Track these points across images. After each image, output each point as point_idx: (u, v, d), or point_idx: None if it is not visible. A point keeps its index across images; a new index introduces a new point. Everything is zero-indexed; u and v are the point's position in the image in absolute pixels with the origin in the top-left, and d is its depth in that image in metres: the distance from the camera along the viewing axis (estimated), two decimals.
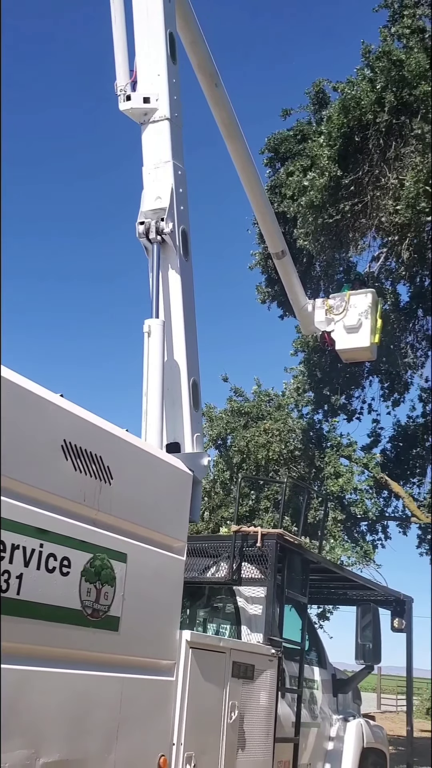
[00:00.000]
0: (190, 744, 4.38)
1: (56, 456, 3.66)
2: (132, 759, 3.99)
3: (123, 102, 7.46)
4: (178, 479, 4.78)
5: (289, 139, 15.36)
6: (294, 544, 6.04)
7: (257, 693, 5.21)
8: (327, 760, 6.74)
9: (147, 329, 6.90)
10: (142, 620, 4.14)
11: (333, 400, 15.06)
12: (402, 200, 11.62)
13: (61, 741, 3.49)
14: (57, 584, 3.54)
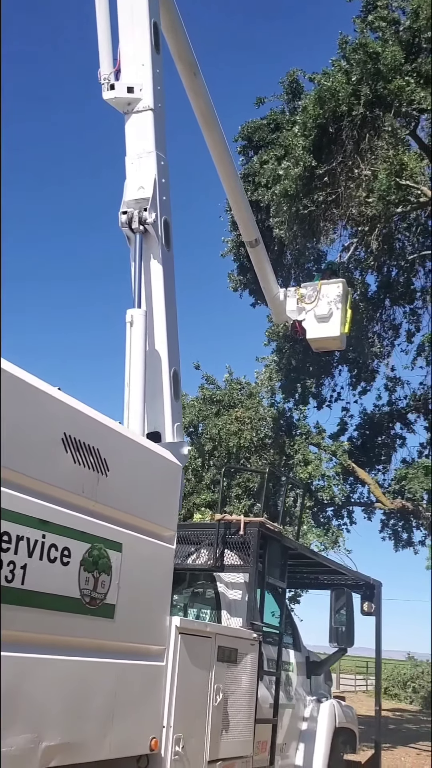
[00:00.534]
0: (179, 726, 4.53)
1: (57, 449, 3.73)
2: (126, 741, 4.11)
3: (107, 91, 7.46)
4: (169, 470, 4.89)
5: (263, 128, 15.43)
6: (274, 532, 6.21)
7: (240, 676, 5.38)
8: (301, 739, 6.97)
9: (129, 319, 6.96)
10: (136, 607, 4.25)
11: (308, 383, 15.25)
12: (374, 192, 11.80)
13: (62, 725, 3.59)
14: (58, 574, 3.63)
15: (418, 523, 16.67)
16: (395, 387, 17.84)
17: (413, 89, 11.94)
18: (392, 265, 18.64)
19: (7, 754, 3.20)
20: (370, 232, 15.35)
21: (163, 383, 7.22)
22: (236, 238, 16.15)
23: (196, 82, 9.58)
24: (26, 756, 3.33)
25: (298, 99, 15.44)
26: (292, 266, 16.91)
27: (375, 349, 17.81)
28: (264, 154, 14.75)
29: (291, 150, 13.21)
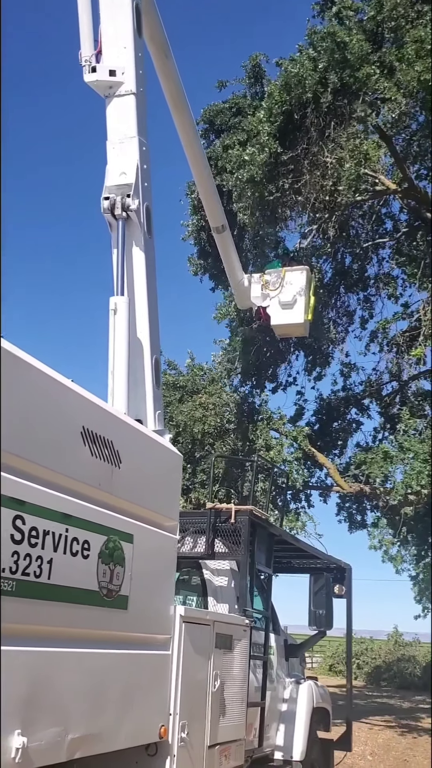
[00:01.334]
0: (184, 713, 4.59)
1: (76, 442, 3.71)
2: (139, 730, 4.16)
3: (88, 73, 7.33)
4: (171, 460, 4.91)
5: (225, 112, 15.34)
6: (263, 520, 6.30)
7: (234, 662, 5.47)
8: (281, 720, 7.13)
9: (113, 307, 6.90)
10: (145, 598, 4.28)
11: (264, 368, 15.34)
12: (343, 181, 11.92)
13: (84, 718, 3.61)
14: (79, 567, 3.63)
15: (371, 505, 17.09)
16: (350, 373, 18.14)
17: (377, 79, 12.07)
18: (347, 253, 18.90)
19: (37, 748, 3.20)
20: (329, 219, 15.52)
21: (145, 371, 7.21)
22: (197, 222, 16.09)
23: (168, 65, 9.47)
24: (54, 749, 3.34)
25: (260, 84, 15.43)
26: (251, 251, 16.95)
27: (330, 335, 18.07)
28: (226, 138, 14.68)
29: (255, 135, 13.19)
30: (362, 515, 17.40)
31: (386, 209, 18.46)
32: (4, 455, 3.13)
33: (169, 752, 4.41)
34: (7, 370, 3.22)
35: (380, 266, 18.92)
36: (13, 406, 3.23)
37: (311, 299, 13.25)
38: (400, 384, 18.04)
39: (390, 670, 31.97)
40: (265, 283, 13.23)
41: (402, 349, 17.84)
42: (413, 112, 14.62)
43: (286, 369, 17.23)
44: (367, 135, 13.14)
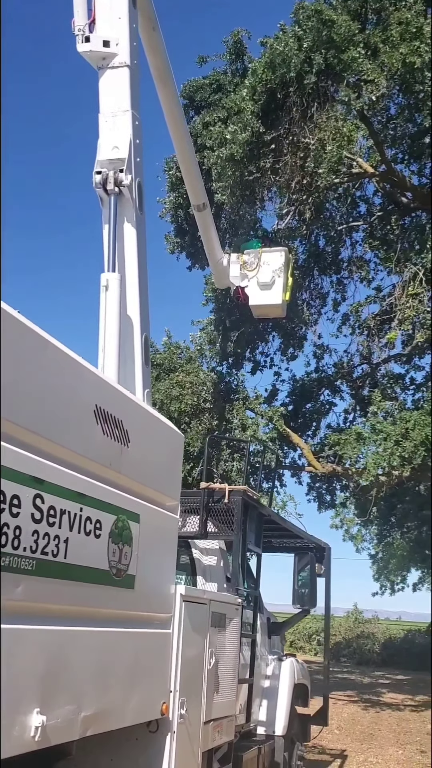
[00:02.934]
0: (183, 690, 4.63)
1: (90, 421, 3.68)
2: (143, 708, 4.18)
3: (81, 43, 7.16)
4: (174, 439, 4.90)
5: (205, 88, 15.18)
6: (255, 500, 6.34)
7: (227, 640, 5.52)
8: (264, 696, 7.24)
9: (105, 283, 6.82)
10: (150, 577, 4.28)
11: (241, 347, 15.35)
12: (324, 163, 11.90)
13: (94, 696, 3.61)
14: (92, 546, 3.61)
15: (342, 485, 17.33)
16: (323, 354, 18.27)
17: (361, 61, 12.04)
18: (321, 235, 18.94)
19: (54, 726, 3.20)
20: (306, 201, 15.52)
21: (134, 348, 7.15)
22: (174, 199, 15.94)
23: (155, 37, 9.29)
24: (69, 727, 3.34)
25: (241, 61, 15.27)
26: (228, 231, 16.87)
27: (304, 317, 18.14)
28: (207, 115, 14.54)
29: (237, 113, 13.08)
30: (332, 495, 17.65)
31: (360, 192, 18.56)
32: (24, 433, 3.08)
33: (169, 729, 4.44)
34: (26, 346, 3.17)
35: (353, 249, 19.04)
36: (31, 384, 3.18)
37: (289, 280, 13.27)
38: (370, 366, 18.26)
39: (349, 647, 32.69)
40: (244, 263, 13.20)
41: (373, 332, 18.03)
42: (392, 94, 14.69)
43: (263, 349, 17.30)
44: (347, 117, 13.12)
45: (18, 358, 3.08)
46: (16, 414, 3.02)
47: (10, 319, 3.04)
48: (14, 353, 3.04)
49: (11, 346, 3.02)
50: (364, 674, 26.05)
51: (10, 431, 2.97)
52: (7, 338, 3.00)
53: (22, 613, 3.05)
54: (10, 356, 3.01)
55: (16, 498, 2.98)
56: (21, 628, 3.03)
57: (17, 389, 3.04)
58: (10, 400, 2.97)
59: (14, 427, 3.01)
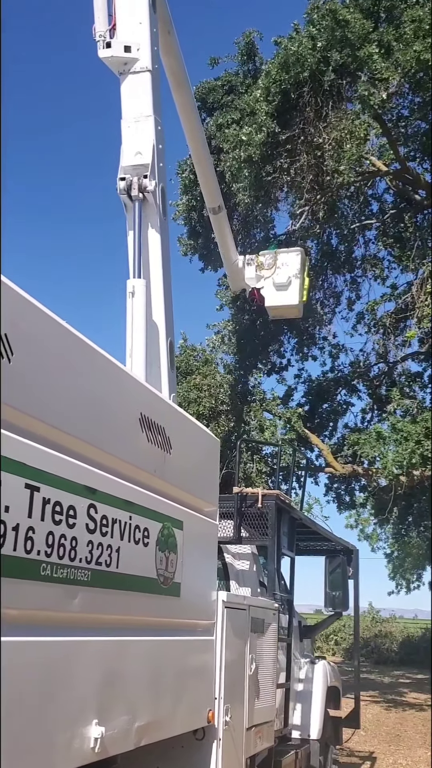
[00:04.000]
0: (227, 697, 4.60)
1: (136, 429, 3.66)
2: (190, 716, 4.16)
3: (102, 49, 7.18)
4: (211, 445, 4.88)
5: (217, 89, 15.16)
6: (288, 504, 6.31)
7: (265, 645, 5.49)
8: (298, 699, 7.20)
9: (131, 289, 6.84)
10: (194, 584, 4.26)
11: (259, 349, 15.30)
12: (344, 162, 11.86)
13: (147, 705, 3.59)
14: (140, 555, 3.59)
15: (360, 486, 17.27)
16: (338, 354, 18.21)
17: (376, 59, 12.00)
18: (334, 234, 18.89)
19: (111, 737, 3.18)
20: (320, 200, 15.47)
21: (160, 353, 7.17)
22: (187, 201, 15.93)
23: (170, 40, 9.31)
24: (125, 738, 3.32)
25: (253, 62, 15.24)
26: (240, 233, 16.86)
27: (317, 316, 18.10)
28: (219, 116, 14.52)
29: (251, 114, 13.06)
30: (350, 496, 17.58)
31: (372, 190, 18.50)
32: (80, 445, 3.07)
33: (215, 736, 4.42)
34: (77, 356, 3.16)
35: (367, 248, 18.99)
36: (83, 394, 3.17)
37: (306, 281, 13.25)
38: (387, 365, 18.18)
39: (367, 646, 32.57)
40: (260, 265, 13.20)
41: (389, 331, 17.96)
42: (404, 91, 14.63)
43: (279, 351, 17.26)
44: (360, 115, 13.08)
45: (70, 368, 3.07)
46: (70, 424, 3.01)
47: (61, 330, 3.03)
48: (66, 364, 3.04)
49: (63, 357, 3.01)
50: (384, 674, 25.93)
51: (64, 442, 2.96)
52: (59, 349, 2.99)
53: (79, 624, 3.04)
54: (63, 367, 3.00)
55: (72, 509, 2.97)
56: (79, 640, 3.01)
57: (70, 399, 3.03)
58: (64, 410, 2.96)
59: (68, 437, 2.99)
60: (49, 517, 2.80)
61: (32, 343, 2.78)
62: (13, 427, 2.62)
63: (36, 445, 2.76)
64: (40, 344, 2.85)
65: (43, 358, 2.86)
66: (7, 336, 2.60)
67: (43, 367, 2.86)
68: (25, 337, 2.72)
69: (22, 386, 2.69)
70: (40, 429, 2.81)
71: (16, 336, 2.64)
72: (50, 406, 2.87)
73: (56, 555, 2.83)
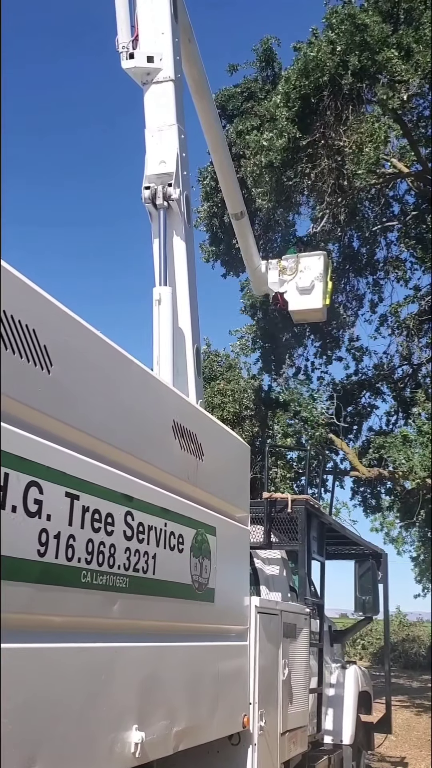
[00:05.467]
0: (261, 702, 4.62)
1: (169, 436, 3.70)
2: (226, 721, 4.18)
3: (125, 60, 7.24)
4: (241, 451, 4.91)
5: (237, 96, 15.23)
6: (317, 509, 6.31)
7: (298, 650, 5.50)
8: (330, 704, 7.18)
9: (158, 297, 6.88)
10: (228, 590, 4.29)
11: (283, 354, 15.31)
12: (362, 165, 11.85)
13: (184, 710, 3.62)
14: (176, 561, 3.63)
15: (386, 489, 17.17)
16: (362, 357, 18.15)
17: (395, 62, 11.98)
18: (355, 236, 18.85)
19: (151, 742, 3.21)
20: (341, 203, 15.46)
21: (187, 360, 7.20)
22: (209, 208, 16.00)
23: (190, 48, 9.35)
24: (164, 743, 3.36)
25: (272, 67, 15.30)
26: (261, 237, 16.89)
27: (340, 319, 18.07)
28: (239, 123, 14.58)
29: (271, 120, 13.10)
30: (377, 499, 17.49)
31: (393, 192, 18.44)
32: (117, 453, 3.12)
33: (250, 741, 4.44)
34: (113, 367, 3.21)
35: (389, 250, 18.92)
36: (119, 403, 3.21)
37: (329, 284, 13.23)
38: (412, 367, 18.09)
39: (395, 650, 32.33)
40: (282, 269, 13.18)
41: (413, 333, 17.87)
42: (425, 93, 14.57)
43: (303, 354, 17.26)
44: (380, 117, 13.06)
45: (106, 378, 3.12)
46: (107, 433, 3.06)
47: (98, 341, 3.08)
48: (102, 374, 3.09)
49: (99, 367, 3.06)
50: (412, 678, 25.70)
51: (102, 451, 3.00)
52: (95, 360, 3.04)
53: (118, 630, 3.08)
54: (99, 377, 3.05)
55: (110, 516, 3.01)
56: (118, 646, 3.05)
57: (107, 408, 3.08)
58: (101, 419, 3.01)
59: (105, 446, 3.04)
60: (88, 525, 2.84)
61: (70, 354, 2.83)
62: (53, 437, 2.68)
63: (75, 454, 2.81)
64: (78, 355, 2.91)
65: (80, 368, 2.91)
66: (46, 347, 2.65)
67: (80, 377, 2.91)
68: (63, 348, 2.77)
69: (60, 397, 2.74)
70: (79, 438, 2.86)
71: (55, 347, 2.70)
72: (87, 416, 2.92)
73: (96, 562, 2.88)
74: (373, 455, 14.13)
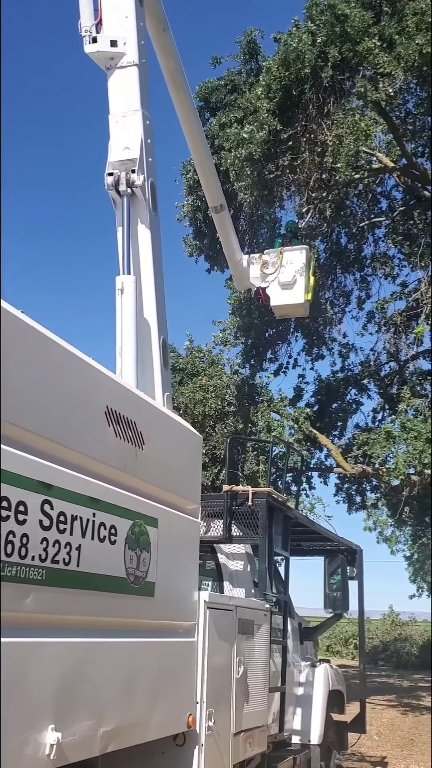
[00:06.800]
0: (210, 701, 4.46)
1: (101, 423, 3.54)
2: (168, 720, 4.02)
3: (88, 44, 7.07)
4: (192, 441, 4.74)
5: (220, 89, 15.07)
6: (280, 502, 6.15)
7: (256, 647, 5.34)
8: (298, 704, 7.03)
9: (120, 286, 6.72)
10: (171, 584, 4.13)
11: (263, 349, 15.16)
12: (342, 158, 11.69)
13: (115, 710, 3.46)
14: (107, 553, 3.46)
15: (371, 486, 17.03)
16: (348, 353, 18.00)
17: (377, 53, 11.83)
18: (343, 233, 18.70)
19: (71, 743, 3.05)
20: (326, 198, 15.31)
21: (152, 351, 7.03)
22: (192, 202, 15.83)
23: (165, 38, 9.17)
24: (87, 744, 3.19)
25: (255, 60, 15.14)
26: (247, 233, 16.72)
27: (327, 316, 17.91)
28: (222, 116, 14.41)
29: (253, 112, 12.94)
30: (362, 496, 17.35)
31: (381, 188, 18.29)
32: (32, 438, 2.95)
33: (197, 741, 4.27)
34: (30, 347, 3.04)
35: (376, 246, 18.76)
36: (39, 386, 3.05)
37: (311, 279, 13.05)
38: (398, 364, 17.94)
39: (387, 650, 32.18)
40: (264, 264, 13.01)
41: (400, 329, 17.71)
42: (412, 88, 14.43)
43: (287, 350, 17.10)
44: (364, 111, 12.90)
45: (21, 359, 2.95)
46: (20, 417, 2.89)
47: (12, 319, 2.91)
48: (17, 355, 2.91)
49: (14, 347, 2.89)
50: (403, 678, 25.58)
51: (12, 434, 2.84)
52: (10, 339, 2.87)
53: (33, 625, 2.91)
54: (13, 358, 2.88)
55: (21, 504, 2.84)
56: (32, 641, 2.89)
57: (21, 391, 2.91)
58: (12, 402, 2.84)
59: (17, 430, 2.87)
60: None
61: None
62: None
63: None
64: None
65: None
66: None
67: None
68: None
69: None
70: None
71: None
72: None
73: (3, 552, 2.71)
74: (356, 452, 13.98)
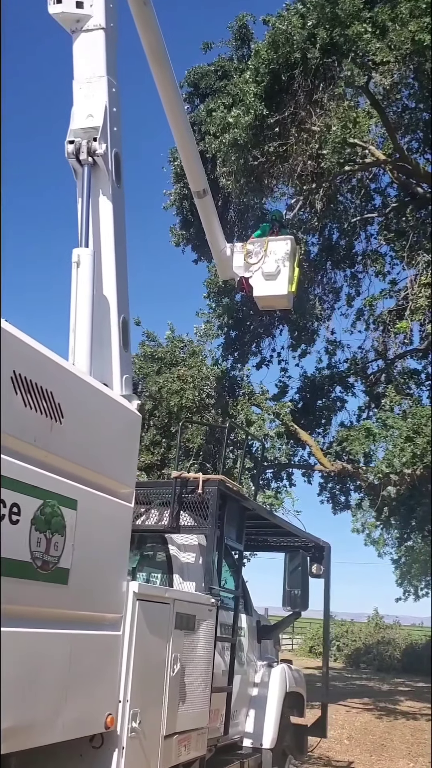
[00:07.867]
0: (136, 700, 4.12)
1: (6, 389, 3.20)
2: (80, 721, 3.68)
3: (53, 4, 6.73)
4: (129, 421, 4.40)
5: (210, 75, 14.75)
6: (234, 491, 5.82)
7: (197, 644, 5.01)
8: (251, 705, 6.70)
9: (76, 259, 6.40)
10: (92, 572, 3.79)
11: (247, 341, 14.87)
12: (328, 145, 11.36)
13: (12, 707, 3.12)
14: (6, 534, 3.12)
15: (355, 485, 16.70)
16: (335, 350, 17.68)
17: (369, 39, 11.49)
18: (334, 228, 18.37)
19: None
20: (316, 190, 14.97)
21: (111, 331, 6.71)
22: (179, 190, 15.49)
23: (146, 12, 8.81)
24: None
25: (247, 46, 14.80)
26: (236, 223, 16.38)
27: (316, 312, 17.57)
28: (211, 102, 14.08)
29: (241, 97, 12.60)
30: (346, 496, 17.03)
31: (375, 184, 17.96)
32: None
33: (116, 744, 3.93)
34: None
35: (368, 243, 18.43)
36: None
37: (296, 270, 12.71)
38: (386, 362, 17.62)
39: (369, 653, 31.88)
40: (248, 253, 12.67)
41: (388, 328, 17.38)
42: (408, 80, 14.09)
43: (270, 344, 16.76)
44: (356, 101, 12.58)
45: None
46: None
47: None
48: None
49: None
50: (384, 681, 25.28)
51: None
52: None
53: None
54: None
55: None
56: None
57: None
58: None
59: None
60: None
61: None
62: None
63: None
64: None
65: None
66: None
67: None
68: None
69: None
70: None
71: None
72: None
73: None
74: (336, 448, 13.65)
